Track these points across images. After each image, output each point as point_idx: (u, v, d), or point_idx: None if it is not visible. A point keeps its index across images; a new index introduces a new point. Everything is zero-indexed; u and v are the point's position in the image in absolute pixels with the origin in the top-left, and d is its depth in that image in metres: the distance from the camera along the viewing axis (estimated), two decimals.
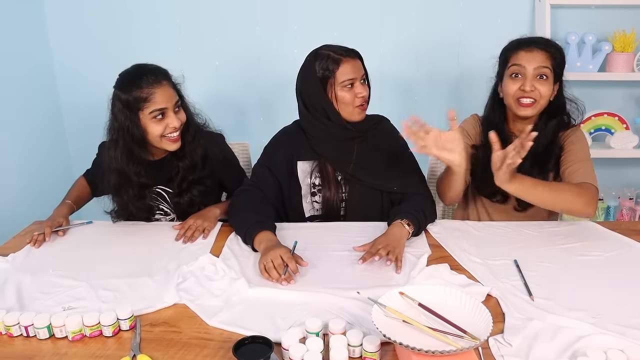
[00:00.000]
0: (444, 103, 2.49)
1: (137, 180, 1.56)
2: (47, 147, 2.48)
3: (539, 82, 1.50)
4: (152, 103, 1.48)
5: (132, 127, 1.49)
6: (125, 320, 1.06)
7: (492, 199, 1.64)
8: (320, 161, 1.61)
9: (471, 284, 1.21)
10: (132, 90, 1.47)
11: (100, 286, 1.23)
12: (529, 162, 1.52)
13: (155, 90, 1.48)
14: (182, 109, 1.57)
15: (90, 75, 2.46)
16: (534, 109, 1.52)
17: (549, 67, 1.49)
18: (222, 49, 2.44)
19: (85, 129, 2.14)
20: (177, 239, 1.49)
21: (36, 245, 1.45)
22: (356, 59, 1.54)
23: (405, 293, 1.02)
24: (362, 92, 1.52)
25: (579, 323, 1.04)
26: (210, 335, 1.04)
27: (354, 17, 2.38)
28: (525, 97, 1.51)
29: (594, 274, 1.27)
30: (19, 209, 2.16)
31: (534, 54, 1.50)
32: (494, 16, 2.35)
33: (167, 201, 1.67)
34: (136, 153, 1.53)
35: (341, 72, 1.50)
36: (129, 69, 1.53)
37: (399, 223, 1.42)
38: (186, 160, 1.61)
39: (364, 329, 1.02)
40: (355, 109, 1.55)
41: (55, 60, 2.49)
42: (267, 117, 2.52)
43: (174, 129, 1.52)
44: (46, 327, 1.04)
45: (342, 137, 1.58)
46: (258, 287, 1.21)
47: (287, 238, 1.48)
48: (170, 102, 1.50)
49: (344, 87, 1.52)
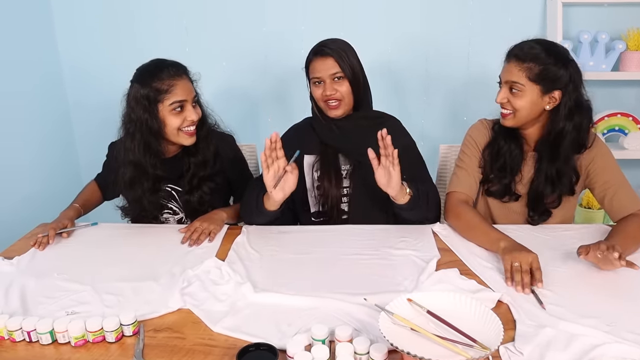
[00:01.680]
0: (453, 103, 2.45)
1: (152, 173, 1.57)
2: (57, 150, 2.49)
3: (512, 94, 1.47)
4: (172, 95, 1.50)
5: (151, 120, 1.51)
6: (129, 326, 1.04)
7: (502, 199, 1.60)
8: (322, 153, 1.61)
9: (481, 290, 1.18)
10: (153, 81, 1.49)
11: (104, 290, 1.22)
12: (544, 182, 1.51)
13: (177, 82, 1.50)
14: (198, 105, 1.59)
15: (99, 79, 2.46)
16: (509, 120, 1.50)
17: (520, 82, 1.43)
18: (229, 49, 2.43)
19: (95, 132, 2.14)
20: (182, 241, 1.48)
21: (40, 248, 1.44)
22: (327, 57, 1.55)
23: (413, 300, 0.99)
24: (327, 92, 1.56)
25: (593, 331, 1.01)
26: (214, 341, 1.03)
27: (361, 17, 2.35)
28: (503, 108, 1.51)
29: (607, 280, 1.23)
30: (26, 213, 2.15)
31: (509, 67, 1.46)
32: (505, 15, 2.32)
33: (177, 200, 1.67)
34: (153, 146, 1.54)
35: (311, 70, 1.58)
36: (149, 63, 1.55)
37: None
38: (199, 156, 1.63)
39: (371, 336, 1.00)
40: (325, 105, 1.59)
41: (64, 65, 2.49)
42: (275, 118, 2.51)
43: (192, 122, 1.54)
44: (49, 333, 1.03)
45: (348, 128, 1.60)
46: (263, 292, 1.19)
47: (292, 241, 1.48)
48: (190, 96, 1.54)
49: (314, 85, 1.60)
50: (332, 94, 1.55)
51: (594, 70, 2.22)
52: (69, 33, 2.44)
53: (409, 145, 1.63)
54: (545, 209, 1.55)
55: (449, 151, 1.99)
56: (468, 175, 1.59)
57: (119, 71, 1.55)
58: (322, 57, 1.55)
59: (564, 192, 1.53)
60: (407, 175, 1.59)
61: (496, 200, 1.61)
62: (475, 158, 1.60)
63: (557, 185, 1.52)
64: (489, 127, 1.62)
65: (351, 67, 1.55)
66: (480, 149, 1.60)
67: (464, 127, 2.46)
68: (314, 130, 1.66)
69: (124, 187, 1.60)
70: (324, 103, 1.58)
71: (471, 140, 1.62)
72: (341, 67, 1.54)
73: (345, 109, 1.59)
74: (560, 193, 1.53)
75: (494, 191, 1.60)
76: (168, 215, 1.70)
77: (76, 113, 2.57)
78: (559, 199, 1.54)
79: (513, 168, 1.56)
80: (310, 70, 1.59)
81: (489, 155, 1.59)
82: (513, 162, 1.55)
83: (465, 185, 1.58)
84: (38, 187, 2.33)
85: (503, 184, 1.57)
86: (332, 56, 1.54)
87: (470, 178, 1.59)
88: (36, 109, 2.35)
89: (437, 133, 2.50)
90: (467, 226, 1.47)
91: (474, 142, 1.61)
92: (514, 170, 1.56)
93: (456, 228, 1.51)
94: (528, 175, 1.57)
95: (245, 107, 2.51)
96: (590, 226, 1.57)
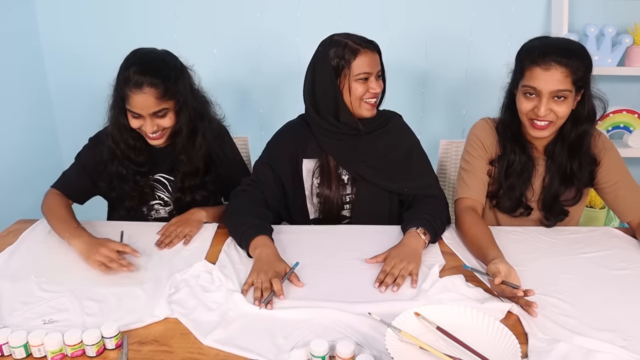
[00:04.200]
0: (453, 95, 2.38)
1: (125, 156, 1.50)
2: (37, 139, 2.37)
3: (556, 102, 1.34)
4: (129, 105, 1.41)
5: (120, 113, 1.45)
6: (111, 339, 0.96)
7: (513, 214, 1.52)
8: (322, 158, 1.51)
9: (489, 299, 1.11)
10: (122, 82, 1.40)
11: (84, 296, 1.13)
12: (558, 182, 1.44)
13: (135, 95, 1.39)
14: (170, 115, 1.45)
15: (82, 62, 2.35)
16: (549, 130, 1.38)
17: (567, 88, 1.31)
18: (220, 35, 2.32)
19: (78, 118, 2.02)
20: (156, 244, 1.39)
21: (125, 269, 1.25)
22: (375, 52, 1.43)
23: (421, 314, 0.92)
24: (375, 88, 1.43)
25: (610, 347, 0.95)
26: (204, 356, 0.95)
27: (359, 4, 2.26)
28: (539, 120, 1.37)
29: (621, 289, 1.18)
30: (2, 208, 2.06)
31: (552, 73, 1.30)
32: (508, 5, 2.24)
33: (168, 190, 1.60)
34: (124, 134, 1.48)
35: (357, 64, 1.40)
36: (135, 56, 1.44)
37: (414, 232, 1.32)
38: (184, 166, 1.54)
39: (374, 351, 0.92)
40: (365, 104, 1.45)
41: (44, 46, 2.36)
42: (267, 109, 2.41)
43: (149, 132, 1.44)
44: (23, 346, 0.94)
45: (349, 135, 1.48)
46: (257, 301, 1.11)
47: (289, 243, 1.39)
48: (148, 110, 1.41)
49: (358, 80, 1.42)
50: (376, 91, 1.44)
51: (600, 65, 2.15)
52: (50, 13, 2.31)
53: (413, 145, 1.56)
54: (562, 210, 1.48)
55: (449, 147, 1.93)
56: (475, 178, 1.50)
57: (103, 53, 1.45)
58: (371, 52, 1.42)
59: (583, 183, 1.46)
60: (412, 182, 1.52)
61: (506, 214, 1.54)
62: (483, 159, 1.51)
63: (576, 178, 1.44)
64: (493, 126, 1.53)
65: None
66: (486, 148, 1.51)
67: (463, 121, 2.42)
68: (311, 131, 1.52)
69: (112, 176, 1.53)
70: (361, 101, 1.44)
71: (477, 141, 1.52)
72: (382, 65, 1.46)
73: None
74: (579, 186, 1.46)
75: (504, 207, 1.51)
76: (159, 207, 1.62)
77: (58, 97, 2.45)
78: (579, 194, 1.47)
79: (525, 180, 1.47)
80: (358, 64, 1.40)
81: (498, 172, 1.49)
82: (524, 174, 1.47)
83: (472, 190, 1.49)
84: (16, 182, 2.22)
85: (514, 199, 1.49)
86: (378, 53, 1.44)
87: (477, 181, 1.49)
88: (15, 93, 2.23)
89: (436, 127, 2.43)
90: (469, 241, 1.37)
91: (480, 142, 1.51)
92: (525, 183, 1.48)
93: (461, 239, 1.43)
94: (539, 182, 1.49)
95: (236, 96, 2.41)
96: (597, 229, 1.51)
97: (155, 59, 1.45)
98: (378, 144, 1.50)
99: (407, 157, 1.54)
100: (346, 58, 1.40)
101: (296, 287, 1.18)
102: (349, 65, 1.40)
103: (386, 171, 1.50)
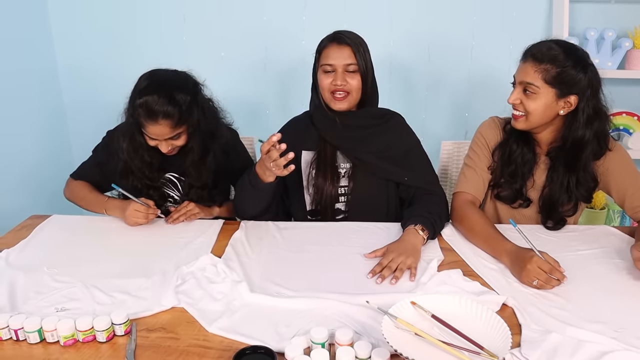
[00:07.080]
0: (456, 98, 2.41)
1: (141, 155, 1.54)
2: (50, 146, 2.42)
3: (526, 96, 1.40)
4: (145, 130, 1.46)
5: (136, 132, 1.50)
6: (120, 325, 1.00)
7: (512, 204, 1.56)
8: (321, 148, 1.56)
9: (485, 292, 1.15)
10: (137, 108, 1.42)
11: (95, 286, 1.18)
12: (558, 188, 1.47)
13: (150, 125, 1.43)
14: (183, 136, 1.50)
15: (93, 67, 2.39)
16: (523, 122, 1.44)
17: (535, 84, 1.37)
18: (228, 39, 2.37)
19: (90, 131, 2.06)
20: (166, 220, 1.54)
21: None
22: (345, 46, 1.48)
23: (417, 303, 0.96)
24: (337, 82, 1.48)
25: (601, 337, 0.98)
26: (209, 342, 0.99)
27: (364, 8, 2.30)
28: (515, 109, 1.45)
29: (614, 283, 1.21)
30: (16, 204, 2.11)
31: (526, 65, 1.40)
32: (509, 9, 2.27)
33: (178, 189, 1.65)
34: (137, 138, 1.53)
35: (323, 55, 1.51)
36: (150, 82, 1.45)
37: (412, 229, 1.36)
38: (192, 179, 1.59)
39: (372, 339, 0.96)
40: (331, 96, 1.52)
41: (57, 51, 2.41)
42: (274, 110, 2.46)
43: (164, 151, 1.51)
44: (37, 331, 0.98)
45: (348, 125, 1.54)
46: (261, 291, 1.15)
47: (292, 238, 1.44)
48: (163, 137, 1.47)
49: (323, 72, 1.51)
50: (342, 85, 1.48)
51: (600, 68, 2.12)
52: (63, 15, 2.35)
53: (413, 143, 1.59)
54: (561, 217, 1.51)
55: (451, 148, 1.96)
56: (476, 175, 1.54)
57: (113, 57, 1.49)
58: (339, 45, 1.48)
59: (580, 199, 1.50)
60: (412, 174, 1.55)
61: (506, 205, 1.57)
62: (485, 157, 1.55)
63: (574, 193, 1.48)
64: (501, 126, 1.56)
65: (365, 62, 1.49)
66: (490, 148, 1.55)
67: (465, 124, 2.46)
68: (314, 125, 1.59)
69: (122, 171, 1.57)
70: (329, 94, 1.51)
71: (482, 139, 1.56)
72: (357, 59, 1.48)
73: (351, 103, 1.53)
74: (577, 200, 1.50)
75: (504, 196, 1.55)
76: (169, 204, 1.66)
77: (71, 111, 2.50)
78: (575, 207, 1.51)
79: (525, 173, 1.51)
80: (322, 56, 1.50)
81: (500, 159, 1.53)
82: (525, 167, 1.50)
83: (472, 186, 1.53)
84: (30, 182, 2.27)
85: (514, 189, 1.52)
86: (350, 46, 1.47)
87: (478, 178, 1.54)
88: (31, 106, 2.28)
89: (438, 129, 2.46)
90: (471, 230, 1.42)
91: (485, 141, 1.56)
92: (525, 176, 1.51)
93: (460, 231, 1.47)
94: (540, 180, 1.53)
95: (244, 99, 2.46)
96: (595, 227, 1.54)
97: (169, 85, 1.45)
98: (378, 139, 1.55)
99: (407, 154, 1.57)
100: (318, 49, 1.51)
101: (298, 274, 1.23)
102: (319, 56, 1.51)
103: (386, 163, 1.55)
